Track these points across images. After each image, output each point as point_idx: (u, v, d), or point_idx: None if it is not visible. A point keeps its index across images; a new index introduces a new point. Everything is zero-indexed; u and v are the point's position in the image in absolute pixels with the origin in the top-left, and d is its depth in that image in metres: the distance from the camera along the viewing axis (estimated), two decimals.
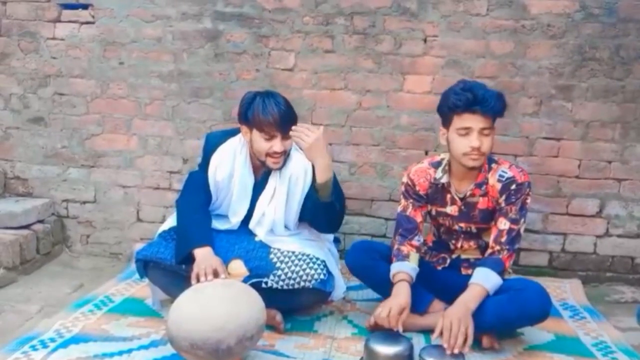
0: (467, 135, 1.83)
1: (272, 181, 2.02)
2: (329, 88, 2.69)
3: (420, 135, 2.66)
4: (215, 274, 1.76)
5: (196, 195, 2.04)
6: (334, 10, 2.62)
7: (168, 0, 2.70)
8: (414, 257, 1.96)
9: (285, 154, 1.97)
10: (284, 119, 1.91)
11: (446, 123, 1.90)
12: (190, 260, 1.86)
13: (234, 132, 2.07)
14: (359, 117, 2.69)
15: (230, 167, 2.02)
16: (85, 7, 2.75)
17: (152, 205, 2.85)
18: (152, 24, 2.73)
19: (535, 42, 2.55)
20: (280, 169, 1.99)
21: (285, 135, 1.93)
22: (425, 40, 2.61)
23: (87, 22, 2.76)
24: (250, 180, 2.05)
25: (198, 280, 1.75)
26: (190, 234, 1.93)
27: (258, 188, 2.05)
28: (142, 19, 2.73)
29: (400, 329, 1.76)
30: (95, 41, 2.77)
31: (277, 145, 1.92)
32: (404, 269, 1.92)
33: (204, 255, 1.84)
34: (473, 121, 1.81)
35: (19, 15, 2.79)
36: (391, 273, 1.93)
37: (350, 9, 2.62)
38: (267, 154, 1.95)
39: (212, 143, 2.07)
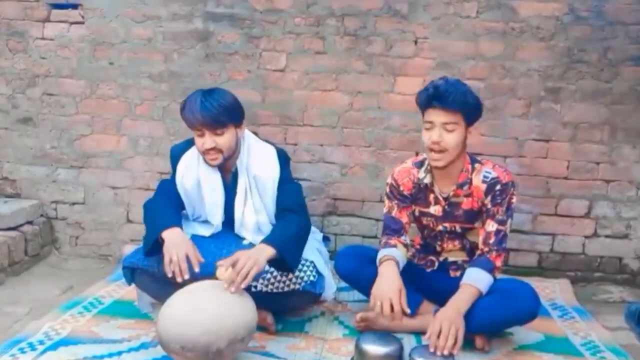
0: (430, 130, 1.85)
1: (242, 182, 2.00)
2: (320, 89, 2.69)
3: (411, 137, 2.67)
4: (190, 261, 1.74)
5: (164, 194, 2.02)
6: (325, 11, 2.63)
7: (158, 0, 2.69)
8: (401, 248, 1.96)
9: (224, 151, 1.92)
10: (205, 114, 1.86)
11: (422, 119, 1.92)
12: (160, 249, 1.81)
13: None
14: (350, 118, 2.70)
15: (195, 173, 2.01)
16: (74, 6, 2.74)
17: (142, 207, 2.82)
18: (142, 24, 2.72)
19: (524, 45, 2.57)
20: (219, 165, 1.95)
21: (216, 132, 1.89)
22: (415, 42, 2.62)
23: (77, 22, 2.74)
24: (218, 184, 2.02)
25: (175, 276, 1.72)
26: (157, 220, 1.88)
27: (230, 190, 2.03)
28: (132, 19, 2.72)
29: (407, 310, 1.76)
30: (85, 41, 2.75)
31: (207, 141, 1.89)
32: (389, 253, 1.91)
33: (172, 238, 1.79)
34: (435, 115, 1.84)
35: (8, 15, 2.77)
36: (377, 259, 1.93)
37: (341, 11, 2.62)
38: (202, 152, 1.94)
39: (176, 154, 2.06)
